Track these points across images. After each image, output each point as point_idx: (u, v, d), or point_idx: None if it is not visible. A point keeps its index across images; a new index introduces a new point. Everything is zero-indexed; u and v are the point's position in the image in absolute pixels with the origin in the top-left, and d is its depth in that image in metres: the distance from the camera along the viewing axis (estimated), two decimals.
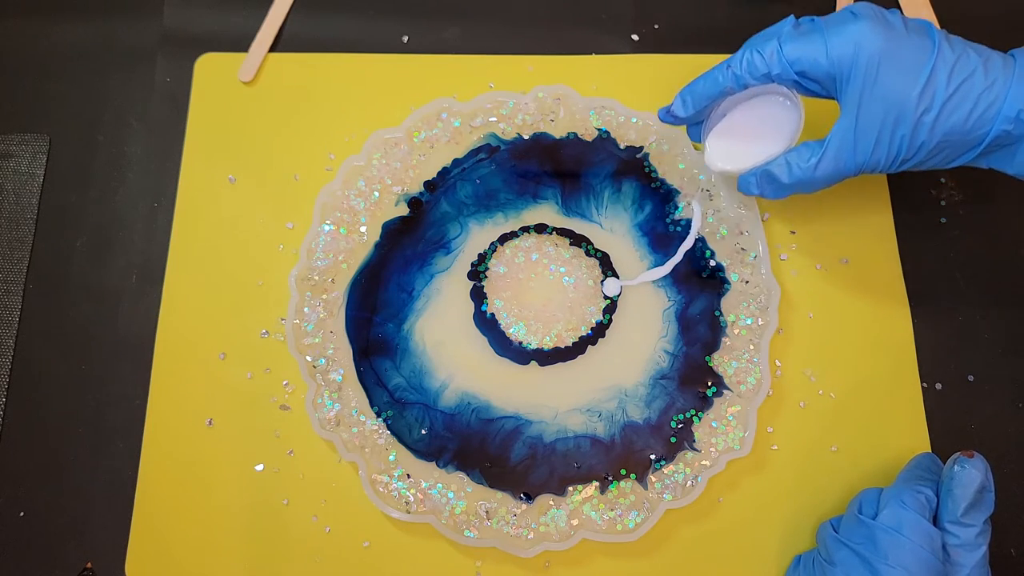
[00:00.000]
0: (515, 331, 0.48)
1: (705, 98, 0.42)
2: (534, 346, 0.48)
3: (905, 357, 0.49)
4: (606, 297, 0.49)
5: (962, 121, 0.36)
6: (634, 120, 0.52)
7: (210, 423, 0.48)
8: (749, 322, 0.48)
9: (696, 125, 0.46)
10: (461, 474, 0.45)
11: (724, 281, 0.49)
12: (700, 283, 0.49)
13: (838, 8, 0.56)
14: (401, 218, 0.50)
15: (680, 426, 0.46)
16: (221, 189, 0.52)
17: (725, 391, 0.47)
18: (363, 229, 0.50)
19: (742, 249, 0.49)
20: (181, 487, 0.47)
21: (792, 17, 0.40)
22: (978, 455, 0.39)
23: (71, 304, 0.50)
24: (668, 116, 0.44)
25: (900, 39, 0.37)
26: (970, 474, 0.38)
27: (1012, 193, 0.52)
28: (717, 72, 0.41)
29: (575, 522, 0.44)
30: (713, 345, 0.48)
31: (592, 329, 0.48)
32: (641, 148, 0.51)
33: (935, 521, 0.39)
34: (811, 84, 0.39)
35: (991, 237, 0.51)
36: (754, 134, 0.43)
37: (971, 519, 0.38)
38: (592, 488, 0.45)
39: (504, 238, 0.50)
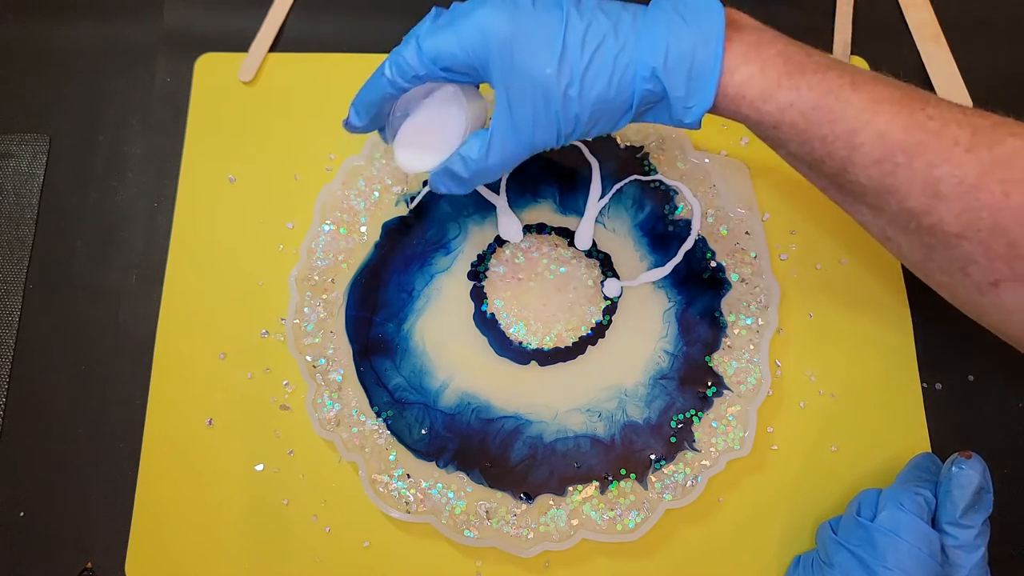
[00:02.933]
0: (515, 331, 0.48)
1: (375, 105, 0.40)
2: (534, 346, 0.48)
3: (905, 357, 0.49)
4: (606, 298, 0.49)
5: (605, 88, 0.36)
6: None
7: (210, 423, 0.48)
8: (749, 322, 0.48)
9: (383, 129, 0.44)
10: (461, 474, 0.45)
11: (724, 281, 0.49)
12: (700, 283, 0.49)
13: (838, 9, 0.56)
14: (401, 218, 0.50)
15: (680, 426, 0.46)
16: (221, 189, 0.52)
17: (725, 391, 0.47)
18: (363, 229, 0.50)
19: (742, 249, 0.49)
20: (181, 487, 0.47)
21: (434, 10, 0.39)
22: (976, 456, 0.39)
23: (71, 304, 0.50)
24: (348, 126, 0.42)
25: (526, 16, 0.35)
26: (968, 475, 0.38)
27: None
28: (376, 78, 0.39)
29: (575, 522, 0.44)
30: (713, 345, 0.48)
31: (592, 329, 0.48)
32: (641, 148, 0.51)
33: (934, 522, 0.39)
34: (462, 77, 0.38)
35: None
36: (435, 130, 0.42)
37: (969, 520, 0.38)
38: (592, 488, 0.45)
39: (503, 239, 0.50)
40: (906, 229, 0.36)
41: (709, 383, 0.47)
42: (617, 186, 0.51)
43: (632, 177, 0.51)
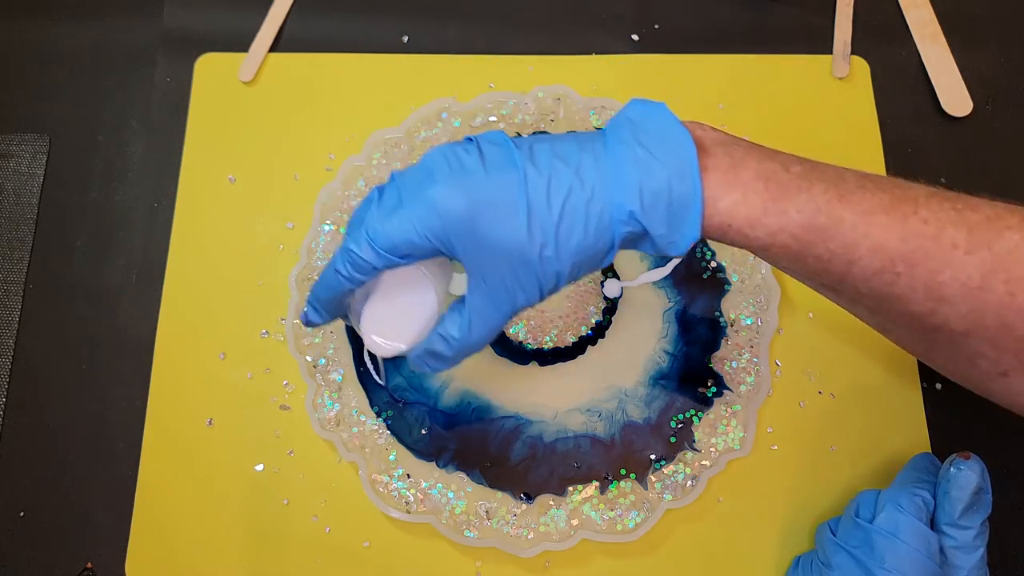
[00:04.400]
0: (515, 331, 0.48)
1: (333, 301, 0.37)
2: (534, 346, 0.48)
3: (905, 357, 0.49)
4: (606, 298, 0.49)
5: (581, 239, 0.33)
6: None
7: (210, 423, 0.48)
8: (749, 322, 0.48)
9: (346, 315, 0.41)
10: (461, 474, 0.45)
11: (724, 281, 0.49)
12: (700, 284, 0.49)
13: (838, 9, 0.56)
14: None
15: (680, 426, 0.46)
16: (221, 189, 0.52)
17: (725, 391, 0.47)
18: None
19: (742, 249, 0.49)
20: (181, 487, 0.47)
21: (376, 190, 0.35)
22: (974, 456, 0.39)
23: (71, 304, 0.50)
24: (309, 324, 0.39)
25: (481, 185, 0.32)
26: (967, 476, 0.38)
27: (1012, 193, 0.52)
28: (330, 277, 0.36)
29: (575, 522, 0.44)
30: (713, 345, 0.48)
31: (592, 329, 0.48)
32: None
33: (932, 523, 0.39)
34: (423, 257, 0.35)
35: None
36: (403, 308, 0.38)
37: (968, 521, 0.38)
38: (592, 488, 0.45)
39: None
40: (908, 328, 0.35)
41: (709, 383, 0.47)
42: None
43: None
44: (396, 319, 0.38)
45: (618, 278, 0.49)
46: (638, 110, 0.34)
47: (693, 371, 0.47)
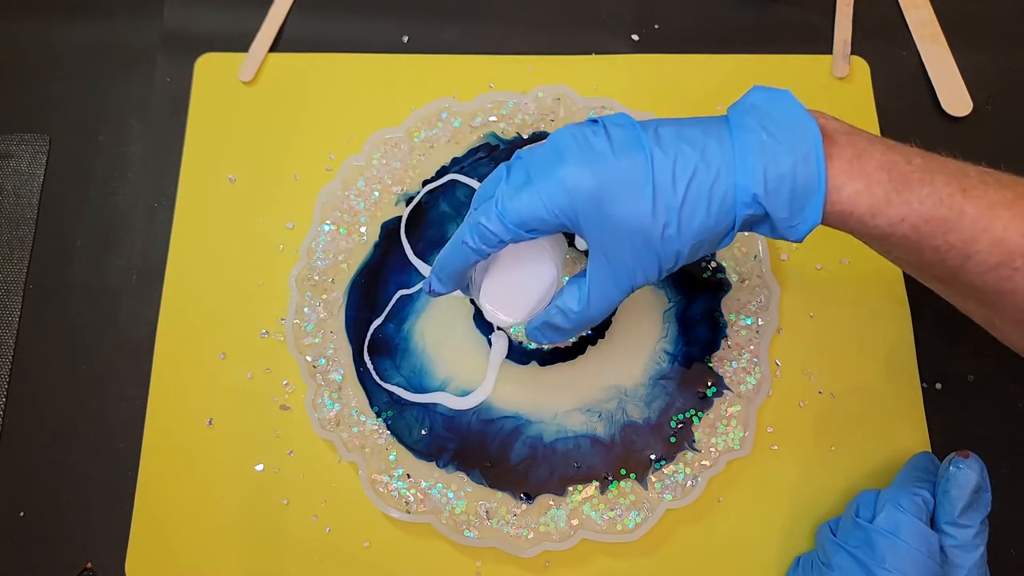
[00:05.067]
0: (515, 331, 0.48)
1: (458, 272, 0.39)
2: (534, 346, 0.48)
3: (905, 357, 0.49)
4: None
5: (704, 220, 0.34)
6: None
7: (210, 423, 0.48)
8: (749, 322, 0.48)
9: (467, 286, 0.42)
10: (461, 474, 0.45)
11: (724, 281, 0.49)
12: (700, 283, 0.49)
13: (838, 9, 0.56)
14: (399, 218, 0.50)
15: (680, 426, 0.46)
16: (221, 189, 0.52)
17: (725, 391, 0.47)
18: (363, 229, 0.50)
19: (742, 249, 0.49)
20: (181, 487, 0.47)
21: (504, 167, 0.36)
22: (973, 455, 0.39)
23: (71, 304, 0.50)
24: (431, 293, 0.41)
25: (610, 165, 0.34)
26: (966, 474, 0.38)
27: None
28: (458, 248, 0.37)
29: (575, 522, 0.44)
30: (713, 345, 0.48)
31: (592, 329, 0.48)
32: None
33: (932, 522, 0.39)
34: (548, 233, 0.36)
35: None
36: (522, 280, 0.40)
37: (968, 520, 0.38)
38: (592, 488, 0.45)
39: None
40: (1019, 324, 0.36)
41: (709, 383, 0.47)
42: None
43: None
44: (514, 292, 0.40)
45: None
46: (762, 96, 0.35)
47: (693, 371, 0.47)
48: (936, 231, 0.33)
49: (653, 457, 0.46)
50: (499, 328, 0.48)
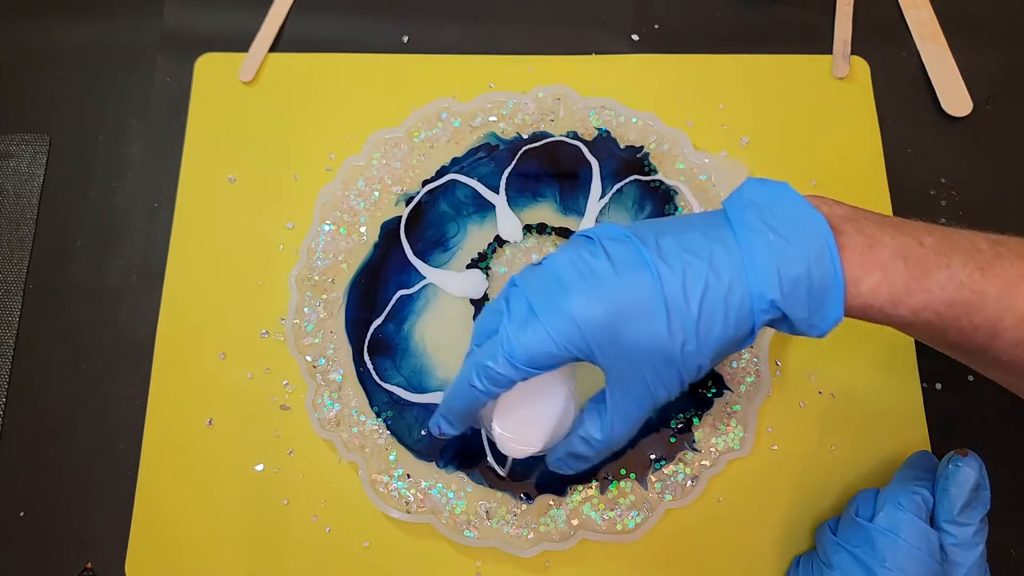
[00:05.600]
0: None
1: (466, 413, 0.37)
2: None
3: (905, 357, 0.49)
4: None
5: (722, 331, 0.32)
6: (634, 120, 0.52)
7: (210, 423, 0.48)
8: None
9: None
10: (461, 474, 0.45)
11: None
12: None
13: (838, 9, 0.56)
14: (399, 218, 0.50)
15: (680, 426, 0.46)
16: (221, 189, 0.52)
17: (725, 391, 0.47)
18: (363, 229, 0.50)
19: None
20: (181, 487, 0.47)
21: (502, 300, 0.35)
22: (972, 453, 0.39)
23: (71, 304, 0.50)
24: (440, 434, 0.39)
25: (616, 289, 0.32)
26: (965, 472, 0.38)
27: (1011, 193, 0.52)
28: (464, 390, 0.36)
29: (575, 522, 0.44)
30: None
31: None
32: (641, 148, 0.51)
33: (932, 521, 0.39)
34: (561, 365, 0.34)
35: None
36: (534, 407, 0.38)
37: (967, 518, 0.38)
38: (592, 488, 0.45)
39: (503, 239, 0.50)
40: None
41: (709, 383, 0.47)
42: (617, 186, 0.51)
43: (632, 177, 0.51)
44: (528, 420, 0.38)
45: None
46: (759, 191, 0.34)
47: None
48: (960, 314, 0.33)
49: (653, 457, 0.46)
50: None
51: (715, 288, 0.32)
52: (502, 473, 0.46)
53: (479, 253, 0.50)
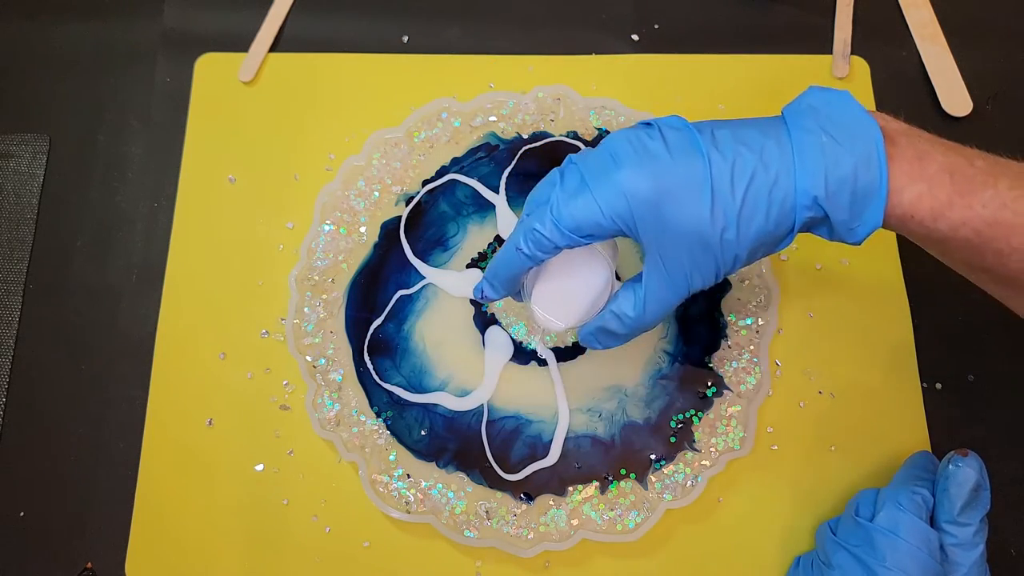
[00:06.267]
0: (515, 331, 0.48)
1: (510, 278, 0.39)
2: (534, 346, 0.48)
3: (905, 357, 0.49)
4: None
5: (763, 224, 0.33)
6: (634, 120, 0.52)
7: (210, 423, 0.48)
8: (749, 322, 0.48)
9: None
10: (461, 474, 0.45)
11: (724, 281, 0.49)
12: None
13: (838, 9, 0.56)
14: (399, 218, 0.50)
15: (680, 426, 0.46)
16: (221, 189, 0.52)
17: (725, 391, 0.47)
18: (363, 229, 0.50)
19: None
20: (181, 487, 0.47)
21: (556, 173, 0.36)
22: (972, 453, 0.39)
23: (71, 304, 0.50)
24: (483, 298, 0.40)
25: (667, 169, 0.33)
26: (965, 473, 0.38)
27: None
28: (511, 254, 0.37)
29: (575, 522, 0.44)
30: (713, 345, 0.48)
31: None
32: None
33: (932, 521, 0.39)
34: (604, 238, 0.36)
35: None
36: (574, 284, 0.39)
37: (967, 518, 0.38)
38: (592, 488, 0.45)
39: (503, 239, 0.50)
40: None
41: (709, 383, 0.47)
42: None
43: None
44: (566, 297, 0.39)
45: (619, 278, 0.49)
46: (820, 97, 0.34)
47: (693, 371, 0.47)
48: (999, 235, 0.33)
49: (653, 457, 0.46)
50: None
51: (761, 179, 0.33)
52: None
53: (479, 253, 0.50)
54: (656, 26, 0.56)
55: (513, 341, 0.48)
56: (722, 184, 0.33)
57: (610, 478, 0.45)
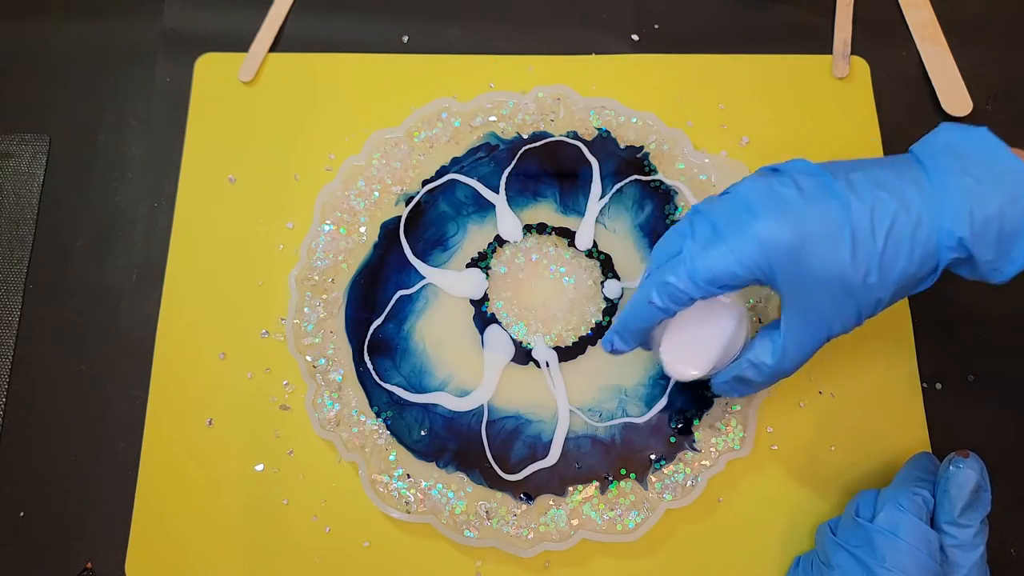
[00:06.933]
0: (515, 331, 0.48)
1: (642, 331, 0.39)
2: (533, 346, 0.48)
3: (905, 357, 0.49)
4: (606, 299, 0.49)
5: (906, 266, 0.33)
6: (634, 120, 0.52)
7: (210, 423, 0.48)
8: None
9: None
10: (461, 474, 0.45)
11: None
12: None
13: (838, 9, 0.56)
14: (399, 218, 0.50)
15: (680, 426, 0.46)
16: (221, 189, 0.52)
17: None
18: (363, 229, 0.50)
19: None
20: (181, 487, 0.47)
21: (686, 224, 0.36)
22: (973, 455, 0.39)
23: (71, 304, 0.50)
24: (614, 351, 0.41)
25: (804, 215, 0.33)
26: (965, 474, 0.38)
27: None
28: (642, 307, 0.37)
29: (575, 522, 0.44)
30: None
31: (592, 329, 0.48)
32: (641, 148, 0.51)
33: (932, 522, 0.39)
34: (742, 286, 0.36)
35: None
36: (704, 332, 0.40)
37: (968, 519, 0.38)
38: (592, 488, 0.45)
39: (503, 239, 0.50)
40: None
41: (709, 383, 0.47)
42: (617, 186, 0.51)
43: (632, 177, 0.51)
44: (697, 346, 0.39)
45: (618, 278, 0.49)
46: (956, 136, 0.34)
47: None
48: None
49: (653, 457, 0.46)
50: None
51: (903, 222, 0.33)
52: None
53: (479, 252, 0.50)
54: (656, 26, 0.56)
55: (513, 341, 0.48)
56: (862, 228, 0.33)
57: (610, 478, 0.45)
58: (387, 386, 0.47)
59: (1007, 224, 0.33)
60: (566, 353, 0.48)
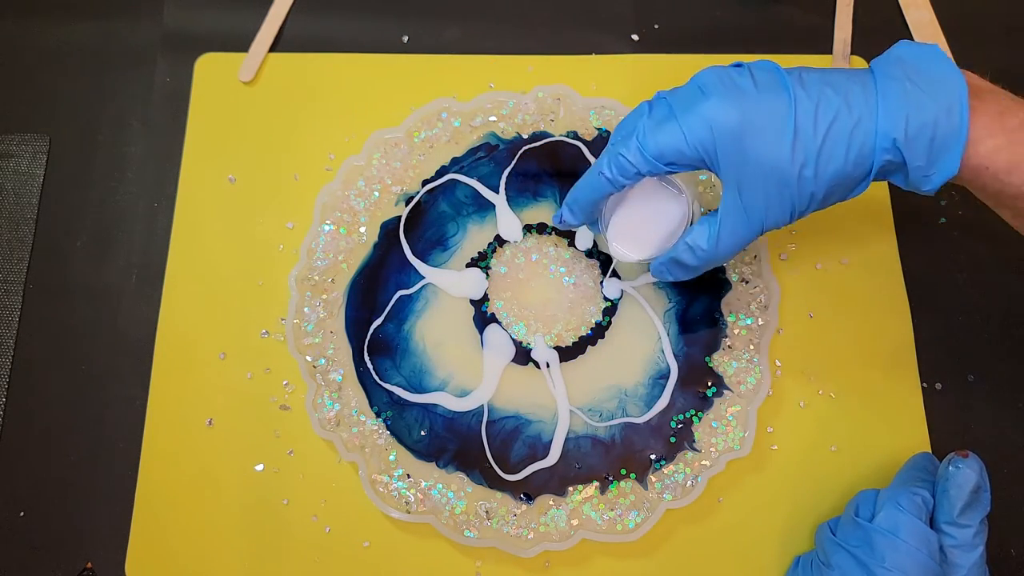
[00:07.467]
0: (515, 331, 0.48)
1: (590, 204, 0.41)
2: (534, 346, 0.48)
3: (905, 357, 0.49)
4: (606, 298, 0.49)
5: (841, 164, 0.35)
6: None
7: (210, 423, 0.48)
8: (749, 322, 0.48)
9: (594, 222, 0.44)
10: (461, 474, 0.45)
11: (724, 281, 0.49)
12: (700, 283, 0.49)
13: (838, 9, 0.56)
14: (399, 218, 0.50)
15: (680, 426, 0.46)
16: (221, 189, 0.52)
17: (725, 391, 0.47)
18: (363, 229, 0.50)
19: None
20: (181, 487, 0.47)
21: (645, 104, 0.38)
22: (973, 455, 0.39)
23: (71, 304, 0.50)
24: (562, 224, 0.42)
25: (753, 103, 0.35)
26: (965, 474, 0.38)
27: None
28: (593, 178, 0.39)
29: (575, 522, 0.44)
30: (713, 345, 0.48)
31: (592, 329, 0.48)
32: None
33: (932, 522, 0.39)
34: (685, 167, 0.37)
35: (991, 237, 0.51)
36: (651, 218, 0.41)
37: (967, 519, 0.38)
38: (592, 488, 0.45)
39: (503, 238, 0.50)
40: None
41: (709, 383, 0.47)
42: None
43: None
44: (642, 229, 0.41)
45: (619, 278, 0.49)
46: (909, 50, 0.35)
47: (693, 371, 0.47)
48: None
49: (653, 457, 0.46)
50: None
51: (844, 120, 0.34)
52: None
53: (479, 252, 0.50)
54: (656, 26, 0.56)
55: (513, 341, 0.48)
56: (805, 121, 0.34)
57: (610, 478, 0.45)
58: (387, 386, 0.47)
59: (940, 132, 0.33)
60: (566, 353, 0.48)
